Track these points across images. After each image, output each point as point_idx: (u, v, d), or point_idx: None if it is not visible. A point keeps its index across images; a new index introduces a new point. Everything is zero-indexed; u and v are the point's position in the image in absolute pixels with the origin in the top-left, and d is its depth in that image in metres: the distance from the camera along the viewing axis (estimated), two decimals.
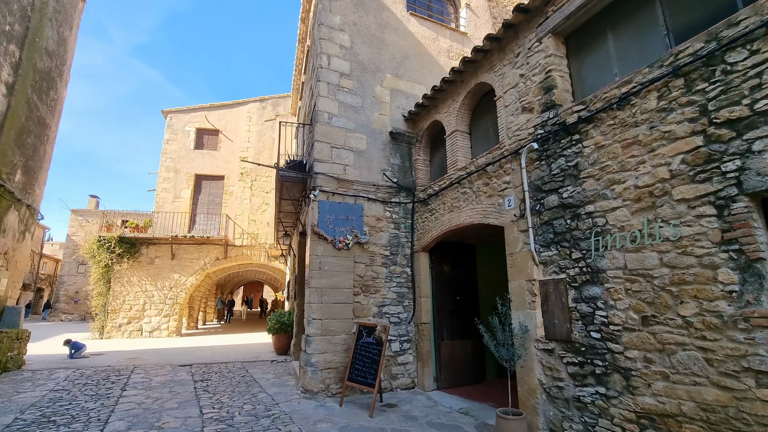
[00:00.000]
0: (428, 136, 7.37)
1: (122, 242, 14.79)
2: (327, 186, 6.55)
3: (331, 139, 6.74)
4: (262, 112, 17.64)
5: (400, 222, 7.14)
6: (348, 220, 6.58)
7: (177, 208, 15.92)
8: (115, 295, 14.80)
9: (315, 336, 5.99)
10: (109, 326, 14.54)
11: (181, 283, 15.30)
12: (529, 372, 4.41)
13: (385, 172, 7.12)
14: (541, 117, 4.61)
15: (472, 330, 7.09)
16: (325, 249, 6.33)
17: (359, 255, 6.61)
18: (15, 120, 7.63)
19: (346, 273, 6.40)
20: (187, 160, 16.61)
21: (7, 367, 7.39)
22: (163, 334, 14.82)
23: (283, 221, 9.79)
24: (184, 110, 17.08)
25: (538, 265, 4.46)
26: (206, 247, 15.68)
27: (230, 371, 7.73)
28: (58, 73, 9.47)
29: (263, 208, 16.73)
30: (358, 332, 5.89)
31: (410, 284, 6.94)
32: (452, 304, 6.99)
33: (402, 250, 7.03)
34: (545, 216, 4.43)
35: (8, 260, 8.12)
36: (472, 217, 5.64)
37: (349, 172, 6.80)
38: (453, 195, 6.15)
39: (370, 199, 6.88)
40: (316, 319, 6.05)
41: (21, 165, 8.16)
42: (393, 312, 6.71)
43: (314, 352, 5.93)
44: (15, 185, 7.98)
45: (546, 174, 4.47)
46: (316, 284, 6.15)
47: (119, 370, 7.66)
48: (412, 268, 7.00)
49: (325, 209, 6.45)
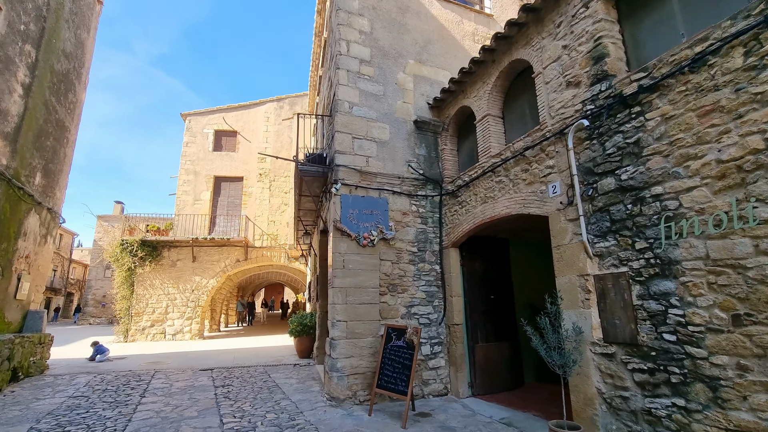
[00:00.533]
0: (455, 124, 6.88)
1: (144, 245, 14.82)
2: (349, 179, 6.15)
3: (352, 130, 6.34)
4: (279, 111, 17.47)
5: (427, 216, 6.68)
6: (372, 215, 6.17)
7: (197, 211, 15.88)
8: (138, 298, 14.83)
9: (340, 339, 5.59)
10: (133, 329, 14.58)
11: (202, 285, 15.22)
12: (585, 379, 3.88)
13: (410, 164, 6.68)
14: (590, 91, 4.08)
15: (507, 331, 6.59)
16: (348, 246, 5.93)
17: (385, 252, 6.18)
18: (33, 122, 7.54)
19: (371, 271, 5.98)
20: (206, 162, 16.57)
21: (29, 372, 7.29)
22: (186, 336, 14.76)
23: (302, 219, 9.46)
24: (203, 112, 17.06)
25: (592, 257, 3.93)
26: (226, 249, 15.57)
27: (252, 376, 7.42)
28: (76, 76, 9.41)
29: (282, 208, 16.52)
30: (386, 335, 5.45)
31: (440, 282, 6.47)
32: (486, 304, 6.47)
33: (430, 246, 6.57)
34: (599, 202, 3.89)
35: (30, 264, 8.05)
36: (509, 207, 5.13)
37: (372, 164, 6.38)
38: (486, 185, 5.65)
39: (395, 193, 6.45)
40: (341, 321, 5.65)
41: (40, 168, 8.08)
42: (422, 312, 6.26)
43: (339, 357, 5.53)
44: (35, 188, 7.90)
45: (599, 154, 3.93)
46: (340, 284, 5.75)
47: (140, 375, 7.45)
48: (441, 265, 6.53)
49: (348, 204, 6.05)
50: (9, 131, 6.76)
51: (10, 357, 6.56)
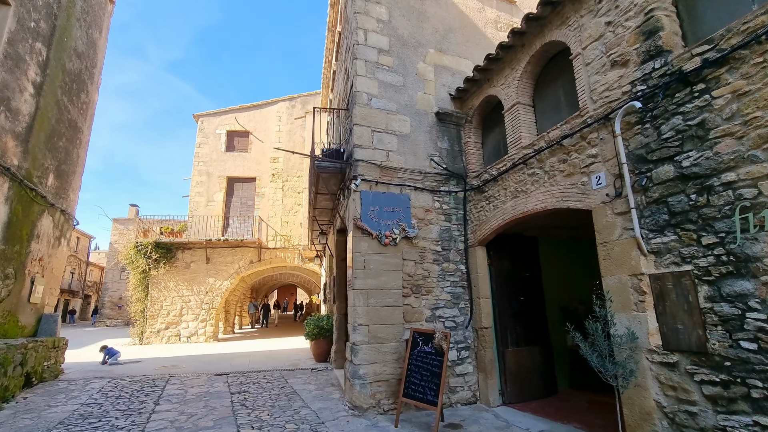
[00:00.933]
0: (480, 116, 6.50)
1: (158, 247, 14.74)
2: (369, 175, 5.82)
3: (371, 123, 6.01)
4: (291, 110, 17.27)
5: (451, 213, 6.31)
6: (394, 212, 5.83)
7: (210, 212, 15.76)
8: (153, 300, 14.75)
9: (362, 344, 5.26)
10: (148, 332, 14.50)
11: (216, 287, 15.08)
12: (641, 391, 3.47)
13: (432, 158, 6.32)
14: (641, 69, 3.67)
15: (538, 335, 6.18)
16: (369, 245, 5.60)
17: (408, 251, 5.83)
18: (45, 122, 7.40)
19: (393, 272, 5.64)
20: (218, 162, 16.45)
21: (43, 377, 7.13)
22: (201, 339, 14.63)
23: (318, 219, 9.17)
24: (215, 113, 16.96)
25: (647, 255, 3.52)
26: (240, 250, 15.40)
27: (268, 381, 7.14)
28: (88, 75, 9.29)
29: (295, 209, 16.31)
30: (412, 340, 5.10)
31: (466, 283, 6.09)
32: (515, 306, 6.08)
33: (455, 244, 6.20)
34: (655, 192, 3.48)
35: (44, 267, 7.92)
36: (544, 201, 4.74)
37: (392, 158, 6.04)
38: (517, 178, 5.26)
39: (417, 189, 6.10)
40: (363, 325, 5.32)
41: (53, 169, 7.94)
42: (448, 315, 5.89)
43: (362, 363, 5.19)
44: (47, 189, 7.77)
45: (653, 140, 3.52)
46: (361, 285, 5.42)
47: (154, 380, 7.24)
48: (467, 265, 6.15)
49: (368, 200, 5.72)
50: (20, 131, 6.61)
51: (23, 362, 6.40)
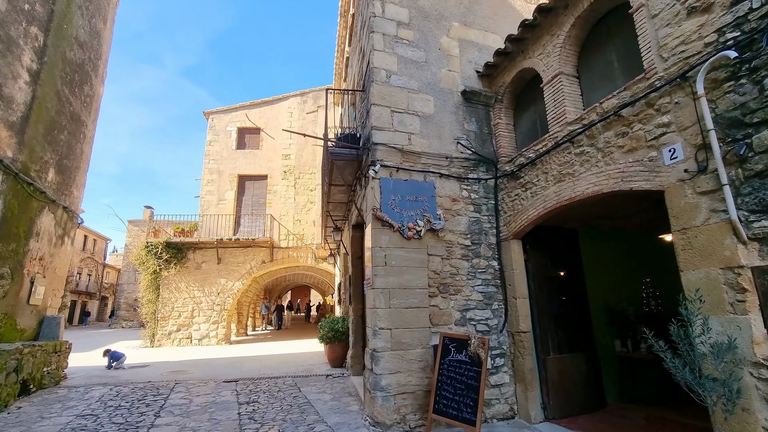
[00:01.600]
0: (511, 93, 5.81)
1: (169, 247, 14.39)
2: (389, 160, 5.19)
3: (391, 102, 5.38)
4: (303, 106, 16.77)
5: (481, 203, 5.63)
6: (417, 202, 5.18)
7: (221, 211, 15.34)
8: (164, 302, 14.40)
9: (384, 351, 4.62)
10: (159, 334, 14.15)
11: (228, 288, 14.65)
12: (744, 416, 2.74)
13: (459, 141, 5.65)
14: (732, 12, 2.95)
15: (582, 340, 5.45)
16: (391, 239, 4.96)
17: (433, 246, 5.18)
18: (43, 112, 6.98)
19: (418, 269, 4.99)
20: (229, 160, 16.04)
21: (42, 384, 6.69)
22: (212, 341, 14.21)
23: (332, 214, 8.58)
24: (225, 110, 16.57)
25: (747, 242, 2.80)
26: (252, 250, 14.95)
27: (280, 389, 6.57)
28: (92, 67, 8.90)
29: (308, 207, 15.79)
30: (442, 347, 4.44)
31: (499, 281, 5.40)
32: (557, 307, 5.36)
33: (485, 238, 5.52)
34: (757, 163, 2.76)
35: (45, 267, 7.51)
36: (598, 184, 4.03)
37: (415, 141, 5.40)
38: (561, 159, 4.56)
39: (443, 176, 5.44)
40: (384, 329, 4.68)
41: (54, 163, 7.54)
42: (480, 318, 5.21)
43: (384, 373, 4.56)
44: (48, 185, 7.35)
45: (752, 97, 2.80)
46: (382, 284, 4.79)
47: (158, 388, 6.73)
48: (500, 261, 5.46)
49: (389, 189, 5.09)
50: (15, 120, 6.18)
51: (18, 368, 5.95)
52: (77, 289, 32.80)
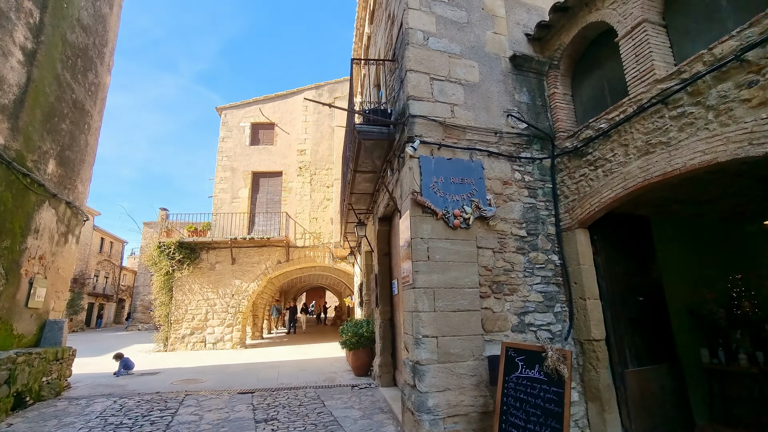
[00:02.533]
0: (570, 58, 4.94)
1: (182, 248, 13.82)
2: (429, 135, 4.37)
3: (429, 68, 4.57)
4: (318, 99, 16.07)
5: (536, 187, 4.77)
6: (463, 185, 4.35)
7: (235, 209, 14.75)
8: (177, 304, 13.84)
9: (430, 364, 3.80)
10: (172, 337, 13.59)
11: (242, 289, 14.02)
12: None
13: (510, 114, 4.81)
14: None
15: (664, 348, 4.53)
16: (433, 228, 4.15)
17: (483, 236, 4.34)
18: (40, 97, 6.38)
19: (466, 264, 4.16)
20: (243, 157, 15.45)
21: (41, 396, 6.07)
22: (227, 345, 13.58)
23: (354, 207, 7.80)
24: (239, 105, 16.00)
25: None
26: (267, 249, 14.30)
27: (301, 403, 5.80)
28: (97, 54, 8.33)
29: (325, 204, 15.07)
30: (506, 360, 3.59)
31: (561, 279, 4.53)
32: (633, 310, 4.47)
33: (543, 227, 4.65)
34: None
35: (46, 267, 6.91)
36: (710, 151, 3.13)
37: (458, 114, 4.57)
38: (649, 126, 3.68)
39: (492, 154, 4.60)
40: (429, 338, 3.86)
41: (54, 154, 6.94)
42: (540, 322, 4.34)
43: (431, 390, 3.73)
44: (47, 177, 6.76)
45: None
46: (424, 282, 3.97)
47: (167, 401, 6.04)
48: (561, 255, 4.59)
49: (430, 169, 4.27)
50: (6, 103, 5.57)
51: (11, 380, 5.31)
52: (94, 292, 32.83)
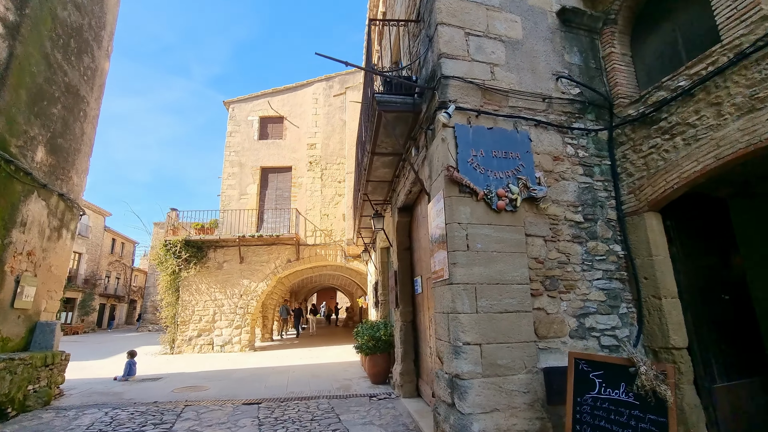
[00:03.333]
0: (630, 11, 4.16)
1: (188, 246, 13.27)
2: (466, 100, 3.64)
3: (464, 21, 3.83)
4: (329, 91, 15.43)
5: (592, 163, 3.99)
6: (508, 160, 3.60)
7: (243, 206, 14.16)
8: (184, 305, 13.29)
9: (473, 378, 3.05)
10: (179, 340, 13.04)
11: (251, 289, 13.42)
12: None
13: (560, 76, 4.04)
14: None
15: (755, 358, 3.71)
16: (473, 212, 3.40)
17: (533, 222, 3.59)
18: (25, 76, 5.81)
19: (513, 255, 3.41)
20: (251, 152, 14.87)
21: (25, 407, 5.47)
22: (235, 348, 12.98)
23: (370, 198, 7.08)
24: (247, 99, 15.43)
25: None
26: (276, 248, 13.67)
27: (314, 418, 5.09)
28: (93, 36, 7.77)
29: (336, 200, 14.40)
30: (576, 375, 2.82)
31: (625, 274, 3.75)
32: (717, 311, 3.66)
33: (602, 212, 3.88)
34: None
35: (36, 264, 6.34)
36: None
37: (499, 76, 3.83)
38: (755, 76, 2.88)
39: (540, 124, 3.84)
40: (471, 345, 3.12)
41: (44, 141, 6.37)
42: (603, 326, 3.57)
43: (475, 411, 2.99)
44: (36, 166, 6.19)
45: None
46: (463, 277, 3.23)
47: (163, 413, 5.39)
48: (626, 245, 3.80)
49: (467, 140, 3.53)
50: None
51: None
52: (105, 293, 32.74)
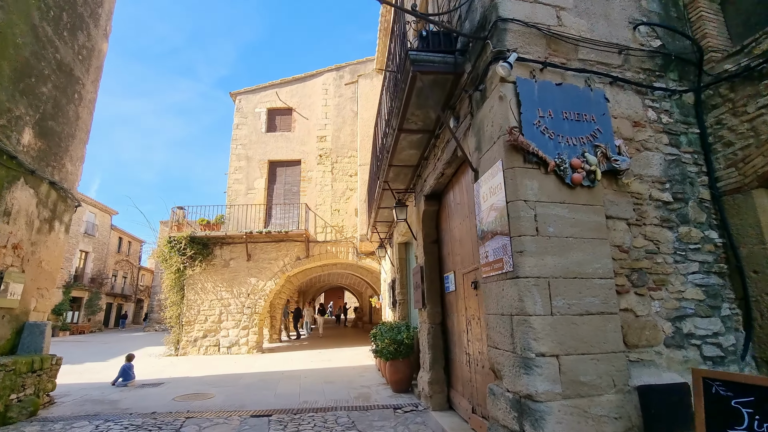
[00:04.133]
0: None
1: (194, 243, 12.68)
2: (528, 50, 2.92)
3: None
4: (339, 81, 14.76)
5: (678, 132, 3.26)
6: (582, 123, 2.88)
7: (250, 201, 13.54)
8: (189, 304, 12.71)
9: (551, 400, 2.34)
10: (183, 341, 12.45)
11: (259, 288, 12.79)
12: None
13: (638, 24, 3.31)
14: None
15: None
16: (542, 186, 2.69)
17: (613, 201, 2.86)
18: (8, 47, 5.19)
19: (593, 242, 2.69)
20: (259, 145, 14.25)
21: (7, 419, 4.84)
22: (242, 350, 12.36)
23: (391, 187, 6.38)
24: (254, 90, 14.82)
25: None
26: (285, 245, 13.04)
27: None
28: (89, 13, 7.17)
29: (347, 194, 13.72)
30: (707, 402, 2.07)
31: (725, 266, 3.01)
32: None
33: (693, 190, 3.14)
34: None
35: (23, 258, 5.74)
36: None
37: (567, 21, 3.11)
38: None
39: (615, 82, 3.11)
40: (547, 356, 2.41)
41: (32, 122, 5.76)
42: (703, 332, 2.83)
43: None
44: (23, 149, 5.58)
45: None
46: (534, 269, 2.52)
47: (161, 426, 4.73)
48: (725, 230, 3.06)
49: (532, 98, 2.81)
50: None
51: None
52: (113, 292, 32.45)
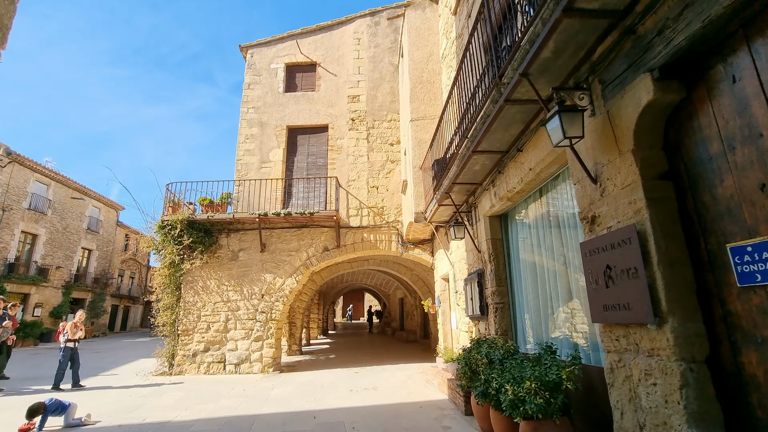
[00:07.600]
0: None
1: (193, 228, 9.85)
2: None
3: None
4: (375, 29, 11.81)
5: None
6: None
7: (265, 176, 10.67)
8: (187, 307, 9.86)
9: None
10: (180, 355, 9.59)
11: (276, 288, 9.87)
12: None
13: None
14: None
15: None
16: None
17: None
18: None
19: None
20: (275, 108, 11.38)
21: None
22: (255, 368, 9.43)
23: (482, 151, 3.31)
24: (269, 41, 12.00)
25: None
26: (309, 231, 10.11)
27: None
28: None
29: (388, 167, 10.71)
30: None
31: None
32: None
33: None
34: None
35: None
36: None
37: None
38: None
39: None
40: None
41: None
42: None
43: None
44: None
45: None
46: None
47: None
48: None
49: None
50: None
51: None
52: (118, 293, 30.15)
